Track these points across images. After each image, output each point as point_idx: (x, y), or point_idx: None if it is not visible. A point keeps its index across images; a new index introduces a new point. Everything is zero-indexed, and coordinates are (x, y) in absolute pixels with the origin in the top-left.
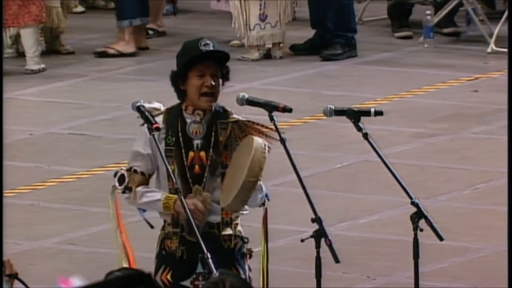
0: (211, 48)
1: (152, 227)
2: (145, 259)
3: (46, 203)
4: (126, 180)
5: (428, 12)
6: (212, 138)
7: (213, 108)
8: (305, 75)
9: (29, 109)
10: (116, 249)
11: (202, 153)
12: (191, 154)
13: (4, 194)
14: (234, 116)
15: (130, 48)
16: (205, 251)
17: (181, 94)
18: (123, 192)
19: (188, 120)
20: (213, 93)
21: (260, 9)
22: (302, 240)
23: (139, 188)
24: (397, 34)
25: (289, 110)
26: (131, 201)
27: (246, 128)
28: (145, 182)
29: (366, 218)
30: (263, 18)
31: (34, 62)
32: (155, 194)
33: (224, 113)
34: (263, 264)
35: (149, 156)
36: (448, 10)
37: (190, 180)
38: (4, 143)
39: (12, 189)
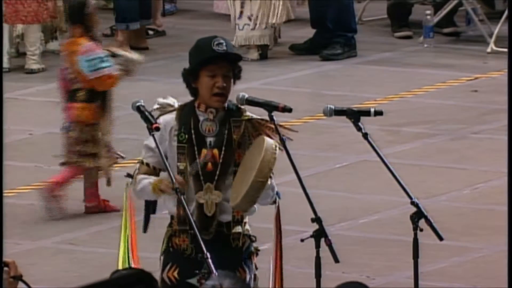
0: (224, 48)
1: (145, 230)
2: (145, 259)
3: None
4: (136, 171)
5: (428, 12)
6: (225, 136)
7: (226, 106)
8: (305, 75)
9: (29, 109)
10: (117, 249)
11: (215, 151)
12: (204, 151)
13: (4, 194)
14: (248, 114)
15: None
16: (205, 251)
17: (193, 91)
18: (128, 177)
19: (201, 118)
20: (224, 94)
21: (242, 7)
22: (302, 240)
23: (139, 176)
24: (397, 34)
25: (289, 110)
26: (134, 191)
27: (260, 127)
28: (152, 173)
29: (366, 218)
30: (251, 18)
31: (34, 62)
32: (148, 179)
33: (237, 110)
34: (276, 264)
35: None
36: (448, 10)
37: (202, 178)
38: (4, 143)
39: (12, 189)
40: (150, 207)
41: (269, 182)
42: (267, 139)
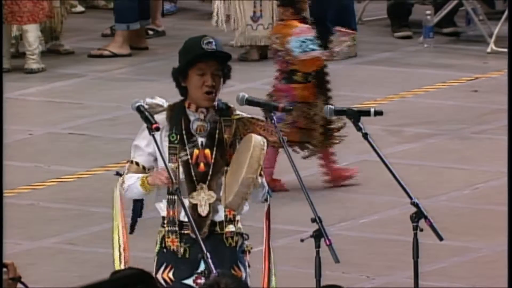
0: (213, 47)
1: (131, 232)
2: (144, 259)
3: (45, 203)
4: (125, 171)
5: (428, 12)
6: (216, 136)
7: (216, 105)
8: None
9: (29, 109)
10: (112, 249)
11: (207, 151)
12: (196, 151)
13: (4, 194)
14: (238, 112)
15: (124, 51)
16: (205, 251)
17: (183, 90)
18: (117, 175)
19: (192, 118)
20: (213, 92)
21: (255, 6)
22: (302, 240)
23: (128, 174)
24: (397, 34)
25: (289, 110)
26: (121, 189)
27: (250, 125)
28: (141, 172)
29: (366, 218)
30: (255, 19)
31: (34, 61)
32: (136, 176)
33: (227, 109)
34: (265, 262)
35: (149, 152)
36: (448, 10)
37: (194, 178)
38: (4, 143)
39: (12, 189)
40: (138, 210)
41: (259, 181)
42: (255, 136)
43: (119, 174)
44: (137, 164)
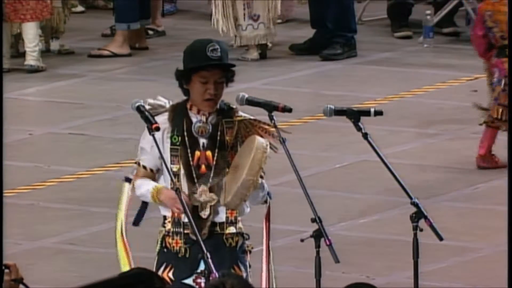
0: (218, 54)
1: (135, 223)
2: (145, 259)
3: (45, 203)
4: (134, 172)
5: (428, 12)
6: (218, 138)
7: (218, 106)
8: (305, 75)
9: (29, 109)
10: (115, 248)
11: (208, 153)
12: (197, 153)
13: (4, 194)
14: (240, 114)
15: (124, 50)
16: (205, 251)
17: (185, 92)
18: (126, 181)
19: (194, 119)
20: (214, 99)
21: (244, 9)
22: (302, 240)
23: (138, 181)
24: (397, 34)
25: (289, 110)
26: (135, 194)
27: (252, 128)
28: (150, 176)
29: (366, 218)
30: (255, 18)
31: (33, 58)
32: (148, 185)
33: (229, 111)
34: (266, 264)
35: (154, 155)
36: (448, 10)
37: (196, 180)
38: (4, 143)
39: (11, 189)
40: (147, 204)
41: (259, 182)
42: (258, 138)
43: (128, 179)
44: (144, 167)
